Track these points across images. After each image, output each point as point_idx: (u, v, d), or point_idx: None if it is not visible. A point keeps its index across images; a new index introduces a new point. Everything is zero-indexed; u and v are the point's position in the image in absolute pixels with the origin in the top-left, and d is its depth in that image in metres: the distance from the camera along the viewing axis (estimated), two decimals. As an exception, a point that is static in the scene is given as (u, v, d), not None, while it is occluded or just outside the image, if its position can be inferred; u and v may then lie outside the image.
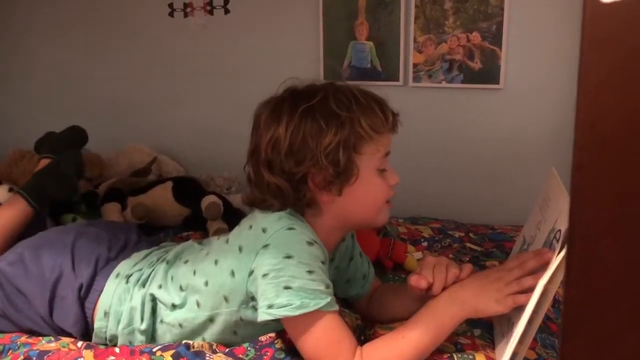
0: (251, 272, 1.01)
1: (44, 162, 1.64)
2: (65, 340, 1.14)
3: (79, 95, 2.46)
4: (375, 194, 1.07)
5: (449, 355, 1.01)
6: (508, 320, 1.00)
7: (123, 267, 1.22)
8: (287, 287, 0.96)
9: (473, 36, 1.91)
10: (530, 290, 0.94)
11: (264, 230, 1.02)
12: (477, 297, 0.98)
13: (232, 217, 1.75)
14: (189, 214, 1.84)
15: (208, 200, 1.78)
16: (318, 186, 1.04)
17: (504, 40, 1.89)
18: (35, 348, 1.08)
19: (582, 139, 0.47)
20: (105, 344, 1.17)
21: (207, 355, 1.03)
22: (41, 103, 2.51)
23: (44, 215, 1.62)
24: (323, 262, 1.02)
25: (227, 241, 1.10)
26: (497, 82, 1.92)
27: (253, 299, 1.03)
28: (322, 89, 1.05)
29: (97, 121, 2.41)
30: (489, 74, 1.93)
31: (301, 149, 1.01)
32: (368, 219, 1.11)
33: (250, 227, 1.06)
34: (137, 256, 1.26)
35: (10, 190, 1.72)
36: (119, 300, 1.16)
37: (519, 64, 1.91)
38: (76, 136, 1.78)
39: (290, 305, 0.96)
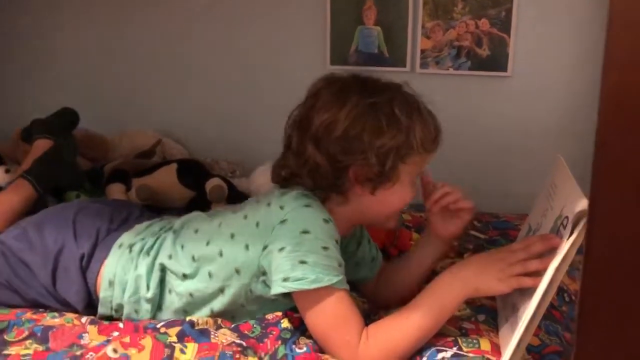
0: (265, 247, 1.03)
1: (41, 143, 1.66)
2: (70, 315, 1.15)
3: (84, 77, 2.45)
4: (399, 202, 1.12)
5: (453, 339, 1.02)
6: (513, 306, 1.00)
7: (126, 237, 1.23)
8: (302, 262, 0.98)
9: (482, 23, 1.90)
10: (534, 273, 0.94)
11: (281, 207, 1.04)
12: (479, 276, 0.99)
13: (236, 201, 1.74)
14: (193, 196, 1.83)
15: (212, 183, 1.78)
16: (357, 179, 1.06)
17: (513, 28, 1.88)
18: (39, 324, 1.09)
19: (606, 117, 0.47)
20: (111, 315, 1.18)
21: (212, 332, 1.03)
22: (46, 85, 2.50)
23: (45, 194, 1.63)
24: (337, 241, 1.03)
25: (245, 217, 1.11)
26: (505, 70, 1.91)
27: (264, 274, 1.05)
28: (391, 89, 1.07)
29: (101, 103, 2.41)
30: (497, 61, 1.92)
31: (354, 141, 1.03)
32: (382, 221, 1.16)
33: (269, 204, 1.08)
34: (139, 227, 1.27)
35: (7, 171, 1.73)
36: (123, 269, 1.17)
37: (527, 51, 1.90)
38: (68, 117, 1.81)
39: (306, 279, 0.97)
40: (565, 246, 0.88)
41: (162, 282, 1.15)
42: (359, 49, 2.05)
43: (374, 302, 1.24)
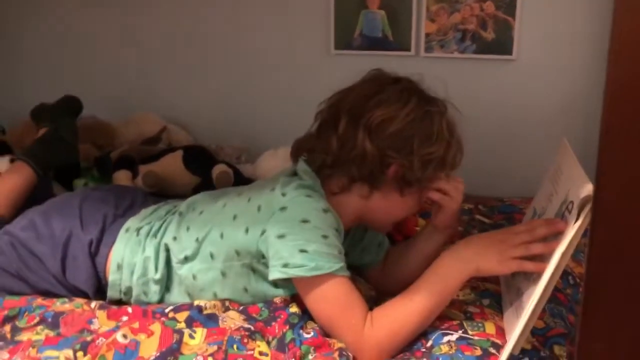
0: (263, 232, 1.04)
1: (43, 132, 1.68)
2: (79, 301, 1.16)
3: (90, 63, 2.45)
4: (410, 209, 1.18)
5: (458, 322, 1.03)
6: (517, 289, 1.01)
7: (132, 221, 1.24)
8: (302, 250, 0.99)
9: (486, 5, 1.89)
10: (537, 257, 0.94)
11: (283, 194, 1.06)
12: (480, 256, 1.00)
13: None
14: (200, 182, 1.84)
15: (219, 169, 1.79)
16: (395, 177, 1.09)
17: (518, 10, 1.87)
18: (50, 309, 1.11)
19: (612, 101, 0.47)
20: (120, 299, 1.20)
21: (220, 317, 1.05)
22: (52, 72, 2.51)
23: (50, 181, 1.66)
24: (337, 230, 1.04)
25: (248, 200, 1.13)
26: (510, 53, 1.91)
27: (263, 257, 1.06)
28: (441, 103, 1.13)
29: (107, 89, 2.41)
30: (501, 45, 1.91)
31: (404, 140, 1.07)
32: (385, 225, 1.22)
33: (273, 189, 1.09)
34: (145, 211, 1.29)
35: (12, 161, 1.75)
36: (131, 252, 1.18)
37: (532, 34, 1.89)
38: (71, 105, 1.83)
39: (305, 266, 0.98)
40: (571, 231, 0.88)
41: (168, 262, 1.17)
42: (363, 33, 2.04)
43: (380, 288, 1.24)
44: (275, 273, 1.01)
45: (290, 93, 2.16)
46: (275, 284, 1.08)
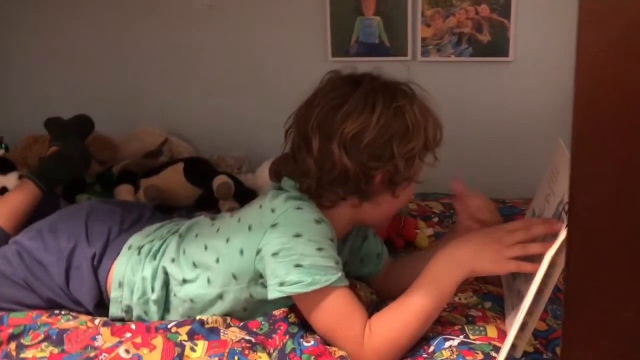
0: (259, 251, 1.03)
1: (52, 150, 1.71)
2: (83, 318, 1.17)
3: (90, 78, 2.47)
4: (405, 202, 1.16)
5: (460, 327, 1.03)
6: (518, 292, 1.01)
7: (135, 239, 1.25)
8: (297, 265, 0.98)
9: (481, 8, 1.89)
10: (535, 257, 0.94)
11: (272, 210, 1.04)
12: (475, 257, 0.98)
13: (243, 197, 1.76)
14: (201, 194, 1.85)
15: (219, 180, 1.79)
16: (383, 183, 1.06)
17: (513, 12, 1.87)
18: (54, 327, 1.11)
19: (581, 112, 0.48)
20: (122, 318, 1.20)
21: (222, 330, 1.05)
22: (53, 87, 2.53)
23: (58, 197, 1.67)
24: (332, 240, 1.03)
25: (238, 220, 1.12)
26: (507, 55, 1.91)
27: (261, 276, 1.05)
28: (408, 91, 1.07)
29: (107, 104, 2.42)
30: (498, 47, 1.91)
31: (382, 147, 1.03)
32: (384, 222, 1.21)
33: (260, 206, 1.08)
34: (149, 229, 1.29)
35: (20, 177, 1.77)
36: (132, 271, 1.19)
37: (528, 36, 1.89)
38: (82, 124, 1.84)
39: (302, 282, 0.97)
40: (564, 232, 0.88)
41: (166, 284, 1.17)
42: (359, 39, 2.05)
43: (382, 295, 1.24)
44: (274, 292, 1.00)
45: (289, 102, 2.16)
46: (275, 302, 1.06)
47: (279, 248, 0.99)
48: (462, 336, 1.00)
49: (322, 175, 1.04)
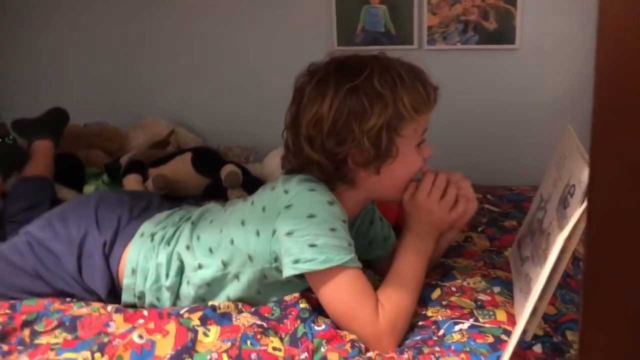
0: (274, 232, 1.04)
1: (40, 144, 1.83)
2: (96, 305, 1.18)
3: (98, 70, 2.48)
4: (410, 169, 1.11)
5: (469, 311, 1.03)
6: (526, 276, 1.02)
7: (147, 226, 1.26)
8: (311, 245, 1.00)
9: (487, -4, 1.89)
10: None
11: (285, 192, 1.06)
12: (435, 241, 1.12)
13: (251, 186, 1.76)
14: (209, 183, 1.86)
15: (227, 169, 1.80)
16: (357, 165, 1.06)
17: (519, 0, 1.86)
18: (67, 313, 1.12)
19: (602, 88, 0.47)
20: (134, 304, 1.21)
21: (234, 315, 1.06)
22: (60, 79, 2.53)
23: (51, 181, 1.75)
24: (344, 221, 1.05)
25: (252, 203, 1.13)
26: (513, 42, 1.91)
27: (276, 259, 1.06)
28: (368, 65, 1.04)
29: (115, 95, 2.43)
30: (504, 34, 1.91)
31: (344, 130, 1.02)
32: (397, 194, 1.14)
33: (273, 188, 1.09)
34: (159, 216, 1.29)
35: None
36: (145, 258, 1.20)
37: (535, 23, 1.89)
38: (53, 118, 1.93)
39: (316, 259, 0.99)
40: (575, 215, 0.88)
41: (180, 271, 1.18)
42: (365, 28, 2.05)
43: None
44: (288, 270, 1.02)
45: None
46: (289, 284, 1.08)
47: (293, 228, 1.01)
48: (471, 320, 1.01)
49: (301, 168, 1.08)
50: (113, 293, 1.23)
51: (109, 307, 1.16)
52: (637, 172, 0.51)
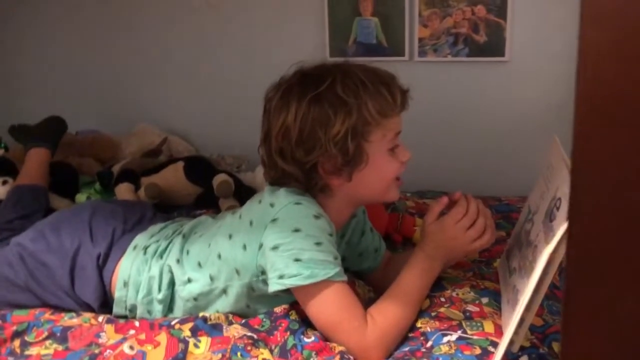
0: (260, 246, 1.05)
1: (35, 152, 1.83)
2: (87, 315, 1.18)
3: (90, 78, 2.48)
4: (384, 174, 1.10)
5: (457, 323, 1.04)
6: (513, 287, 1.03)
7: (140, 239, 1.26)
8: (296, 260, 1.00)
9: (478, 9, 1.91)
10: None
11: (272, 205, 1.06)
12: (446, 264, 1.14)
13: (243, 195, 1.78)
14: (201, 192, 1.87)
15: (219, 178, 1.81)
16: (328, 173, 1.06)
17: (509, 12, 1.89)
18: (58, 324, 1.13)
19: (582, 112, 0.49)
20: (125, 316, 1.21)
21: (224, 327, 1.06)
22: (52, 87, 2.54)
23: (46, 190, 1.74)
24: (330, 235, 1.05)
25: (240, 216, 1.14)
26: (503, 55, 1.93)
27: (263, 272, 1.06)
28: (330, 73, 1.04)
29: (107, 103, 2.44)
30: (494, 47, 1.93)
31: (310, 138, 1.03)
32: (378, 197, 1.15)
33: (260, 201, 1.10)
34: (153, 229, 1.29)
35: (4, 183, 1.79)
36: (137, 271, 1.20)
37: (524, 35, 1.91)
38: (51, 126, 1.93)
39: (300, 275, 1.00)
40: (561, 229, 0.90)
41: (172, 284, 1.18)
42: (357, 40, 2.07)
43: (380, 291, 1.25)
44: (274, 285, 1.02)
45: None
46: (277, 297, 1.08)
47: (279, 242, 1.01)
48: (459, 331, 1.02)
49: (279, 181, 1.09)
50: (105, 305, 1.23)
51: (100, 318, 1.16)
52: (619, 183, 0.53)
